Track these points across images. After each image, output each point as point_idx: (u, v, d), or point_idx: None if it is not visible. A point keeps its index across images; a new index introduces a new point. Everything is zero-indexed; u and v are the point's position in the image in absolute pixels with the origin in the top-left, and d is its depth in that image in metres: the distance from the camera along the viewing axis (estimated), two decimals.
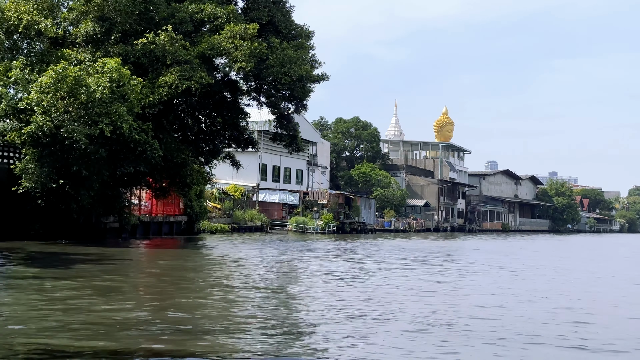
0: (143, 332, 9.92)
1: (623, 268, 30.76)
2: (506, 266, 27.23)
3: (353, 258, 28.85)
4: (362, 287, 17.27)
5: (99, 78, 27.71)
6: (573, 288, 19.31)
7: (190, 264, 23.50)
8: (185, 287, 16.33)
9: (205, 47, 30.55)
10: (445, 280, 19.97)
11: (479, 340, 10.10)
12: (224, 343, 9.36)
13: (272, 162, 70.61)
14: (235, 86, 35.86)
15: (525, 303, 14.91)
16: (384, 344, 9.68)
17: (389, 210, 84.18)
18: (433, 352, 9.22)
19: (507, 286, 18.85)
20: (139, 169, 29.93)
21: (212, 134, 38.34)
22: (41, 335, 9.45)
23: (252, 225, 59.41)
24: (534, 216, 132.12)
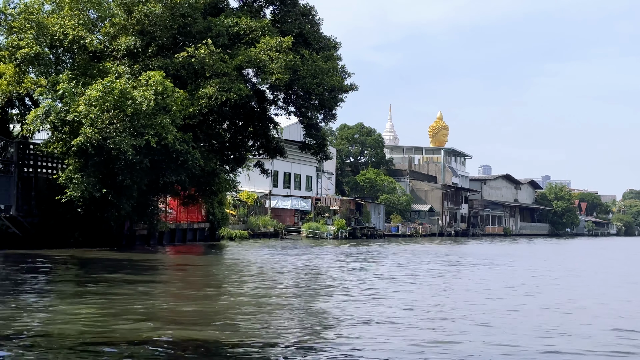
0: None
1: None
2: (573, 269, 28.59)
3: (399, 263, 29.87)
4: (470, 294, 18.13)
5: (144, 91, 28.73)
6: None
7: (258, 273, 24.51)
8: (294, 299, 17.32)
9: (243, 59, 31.59)
10: (547, 283, 21.05)
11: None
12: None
13: (283, 168, 71.60)
14: (264, 96, 36.87)
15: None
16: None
17: (395, 216, 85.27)
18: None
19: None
20: (180, 178, 30.91)
21: (237, 143, 39.35)
22: (173, 327, 10.47)
23: (267, 231, 60.43)
24: (534, 220, 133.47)
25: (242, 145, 39.39)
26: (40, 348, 8.92)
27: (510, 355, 9.30)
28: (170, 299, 14.81)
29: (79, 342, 9.26)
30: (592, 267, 32.56)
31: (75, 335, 9.79)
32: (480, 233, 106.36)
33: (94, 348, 8.94)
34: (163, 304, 13.94)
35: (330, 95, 33.98)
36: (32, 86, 30.84)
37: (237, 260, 29.79)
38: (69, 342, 9.30)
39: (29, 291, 15.47)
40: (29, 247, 30.24)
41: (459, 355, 9.13)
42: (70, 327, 10.41)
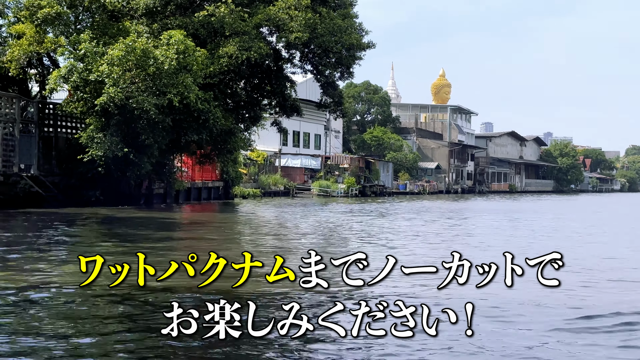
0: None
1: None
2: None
3: (434, 219, 30.20)
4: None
5: (166, 50, 28.82)
6: None
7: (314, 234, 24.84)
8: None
9: (262, 18, 31.62)
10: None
11: None
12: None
13: (292, 127, 71.65)
14: (280, 54, 36.89)
15: None
16: None
17: (403, 173, 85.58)
18: None
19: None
20: (201, 137, 31.14)
21: (253, 102, 39.47)
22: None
23: (278, 190, 60.82)
24: (539, 177, 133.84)
25: (257, 104, 39.51)
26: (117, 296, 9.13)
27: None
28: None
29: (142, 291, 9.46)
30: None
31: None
32: (486, 190, 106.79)
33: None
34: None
35: (349, 53, 34.03)
36: (52, 46, 30.90)
37: (277, 220, 30.14)
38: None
39: (63, 250, 15.78)
40: (51, 206, 30.57)
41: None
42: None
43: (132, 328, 7.26)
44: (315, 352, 6.09)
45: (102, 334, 7.06)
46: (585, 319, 8.15)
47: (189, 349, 6.02)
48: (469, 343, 6.12)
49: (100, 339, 6.82)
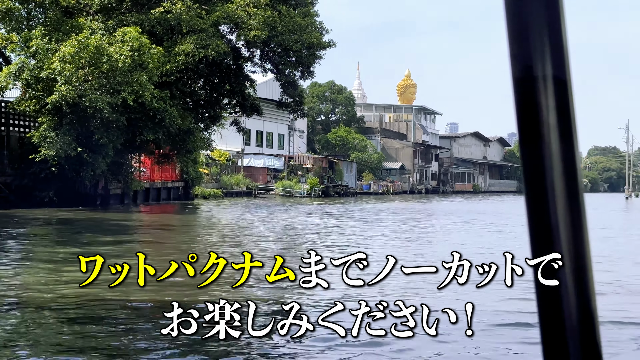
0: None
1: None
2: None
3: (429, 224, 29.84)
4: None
5: (120, 47, 28.11)
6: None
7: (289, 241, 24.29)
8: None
9: (220, 15, 31.05)
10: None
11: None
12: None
13: (255, 126, 71.04)
14: (240, 53, 36.34)
15: None
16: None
17: (367, 174, 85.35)
18: None
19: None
20: (157, 136, 30.48)
21: (212, 101, 38.89)
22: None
23: (240, 190, 60.20)
24: (502, 177, 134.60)
25: (217, 103, 38.94)
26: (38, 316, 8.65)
27: None
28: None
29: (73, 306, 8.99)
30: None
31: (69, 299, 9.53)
32: (450, 190, 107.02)
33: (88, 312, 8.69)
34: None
35: (309, 52, 33.60)
36: (4, 42, 30.05)
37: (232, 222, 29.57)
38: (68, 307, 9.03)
39: (10, 258, 15.13)
40: (3, 207, 29.69)
41: None
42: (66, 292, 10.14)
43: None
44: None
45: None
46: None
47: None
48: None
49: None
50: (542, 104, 1.05)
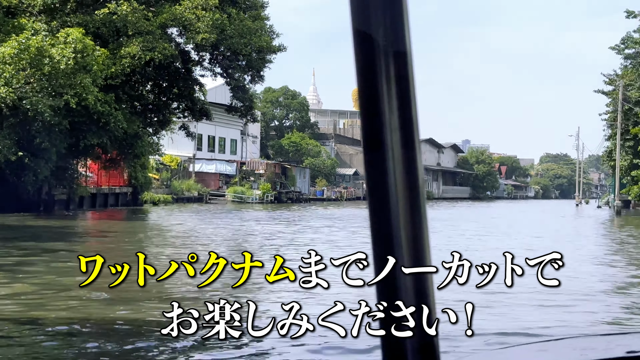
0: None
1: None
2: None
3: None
4: None
5: (62, 49, 27.29)
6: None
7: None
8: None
9: (167, 17, 30.41)
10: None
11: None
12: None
13: (207, 131, 70.26)
14: (189, 57, 35.72)
15: None
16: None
17: (320, 179, 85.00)
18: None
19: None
20: (101, 140, 29.71)
21: (161, 105, 38.18)
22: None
23: (191, 196, 59.36)
24: (456, 184, 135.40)
25: (166, 107, 38.25)
26: None
27: None
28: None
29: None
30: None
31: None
32: None
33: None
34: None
35: (258, 56, 33.12)
36: None
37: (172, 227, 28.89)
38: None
39: None
40: None
41: None
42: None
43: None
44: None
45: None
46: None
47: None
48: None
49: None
50: (384, 101, 1.05)
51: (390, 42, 1.04)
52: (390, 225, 1.08)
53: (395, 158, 1.07)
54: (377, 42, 1.04)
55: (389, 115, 1.07)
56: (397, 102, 1.07)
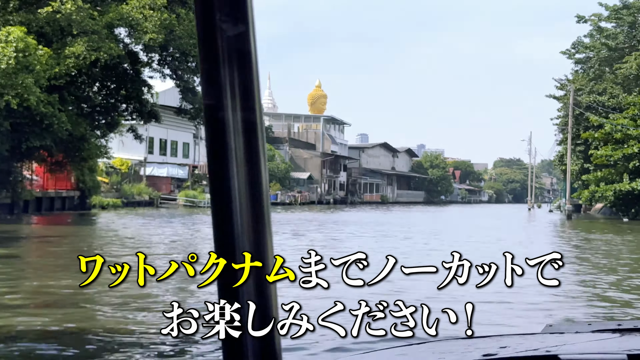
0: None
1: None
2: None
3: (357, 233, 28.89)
4: None
5: (3, 48, 26.42)
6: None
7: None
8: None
9: (114, 17, 29.65)
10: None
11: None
12: None
13: (159, 135, 69.27)
14: (137, 58, 34.95)
15: None
16: None
17: (274, 184, 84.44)
18: None
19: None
20: (45, 143, 28.85)
21: (109, 107, 37.33)
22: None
23: (142, 200, 58.39)
24: (410, 188, 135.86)
25: (114, 109, 37.39)
26: None
27: None
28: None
29: None
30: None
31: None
32: (358, 201, 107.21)
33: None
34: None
35: None
36: None
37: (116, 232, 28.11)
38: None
39: None
40: None
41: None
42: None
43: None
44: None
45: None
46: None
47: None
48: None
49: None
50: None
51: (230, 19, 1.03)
52: (232, 223, 1.08)
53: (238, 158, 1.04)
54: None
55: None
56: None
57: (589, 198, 53.09)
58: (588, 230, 35.73)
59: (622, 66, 40.56)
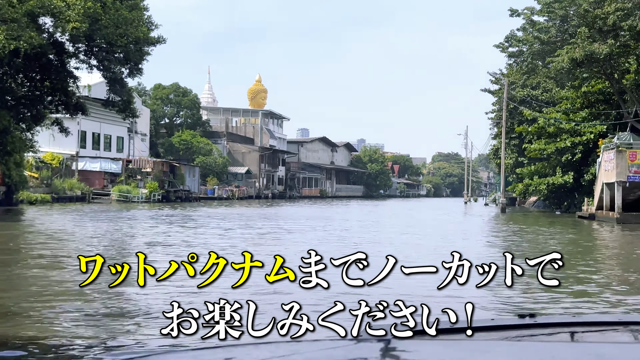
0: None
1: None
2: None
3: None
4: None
5: None
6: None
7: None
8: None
9: (34, 4, 28.54)
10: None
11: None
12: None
13: (92, 128, 67.70)
14: (63, 48, 33.82)
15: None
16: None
17: (211, 178, 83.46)
18: None
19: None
20: None
21: (35, 99, 36.08)
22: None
23: (73, 195, 56.89)
24: (349, 182, 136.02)
25: (39, 101, 36.13)
26: None
27: None
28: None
29: None
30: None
31: None
32: (297, 195, 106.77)
33: None
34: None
35: (136, 48, 31.57)
36: None
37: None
38: None
39: None
40: None
41: None
42: None
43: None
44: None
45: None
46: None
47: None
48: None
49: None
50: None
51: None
52: None
53: None
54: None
55: None
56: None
57: (523, 191, 53.57)
58: (519, 223, 35.96)
59: (554, 60, 40.79)
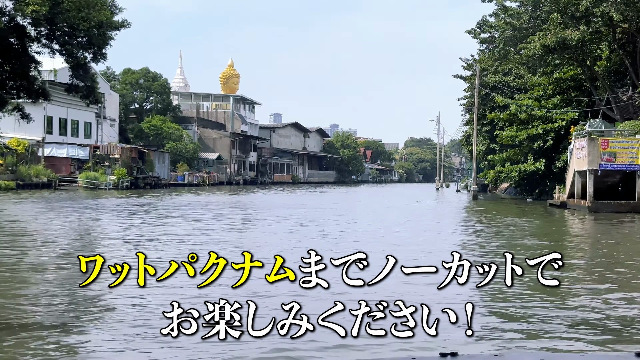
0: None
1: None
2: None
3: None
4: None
5: None
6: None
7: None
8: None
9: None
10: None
11: None
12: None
13: (58, 114, 66.44)
14: (24, 32, 32.82)
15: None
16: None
17: (182, 164, 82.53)
18: None
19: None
20: None
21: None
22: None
23: (39, 182, 55.83)
24: (322, 168, 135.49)
25: (2, 86, 35.11)
26: None
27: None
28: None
29: None
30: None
31: None
32: (268, 181, 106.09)
33: None
34: None
35: (99, 32, 30.68)
36: None
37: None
38: None
39: None
40: None
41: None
42: None
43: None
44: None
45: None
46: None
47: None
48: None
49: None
50: None
51: None
52: None
53: None
54: None
55: None
56: None
57: (495, 178, 53.35)
58: (490, 212, 35.67)
59: (527, 46, 40.41)
